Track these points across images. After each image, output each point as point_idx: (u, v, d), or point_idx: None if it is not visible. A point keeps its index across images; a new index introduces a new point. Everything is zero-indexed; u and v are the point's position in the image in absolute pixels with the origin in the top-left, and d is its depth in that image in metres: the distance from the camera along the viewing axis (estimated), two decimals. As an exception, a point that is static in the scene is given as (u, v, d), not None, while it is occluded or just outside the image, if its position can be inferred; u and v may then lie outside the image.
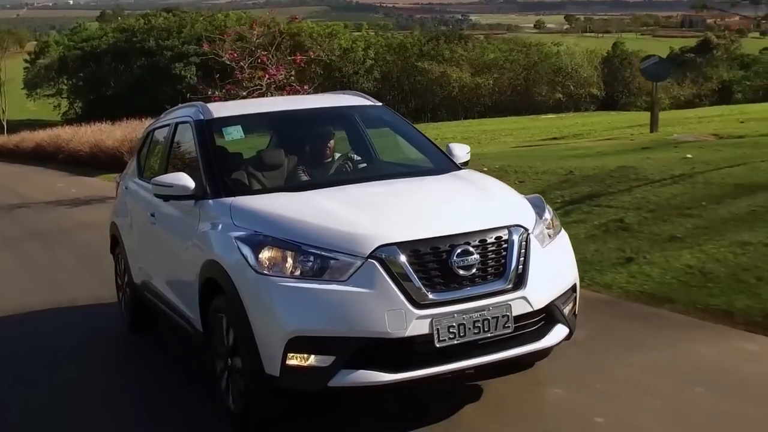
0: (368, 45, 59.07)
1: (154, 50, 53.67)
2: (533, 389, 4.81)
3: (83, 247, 10.70)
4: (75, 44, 59.27)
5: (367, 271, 3.98)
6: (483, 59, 57.47)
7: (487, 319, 4.07)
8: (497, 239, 4.23)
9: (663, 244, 7.28)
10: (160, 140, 6.36)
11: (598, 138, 18.70)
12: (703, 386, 4.62)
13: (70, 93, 59.87)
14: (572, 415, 4.43)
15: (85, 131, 29.95)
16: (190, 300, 4.93)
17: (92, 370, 5.92)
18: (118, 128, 27.70)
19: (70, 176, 22.77)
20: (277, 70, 15.41)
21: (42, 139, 33.64)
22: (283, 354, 3.96)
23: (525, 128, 26.61)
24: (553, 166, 11.78)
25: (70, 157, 27.29)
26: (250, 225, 4.37)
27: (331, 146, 5.66)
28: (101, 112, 38.15)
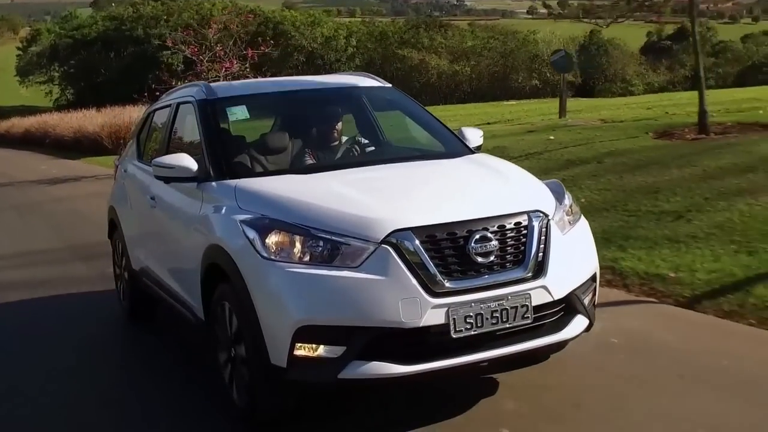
0: (350, 33, 59.55)
1: (142, 38, 53.86)
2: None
3: (50, 216, 12.78)
4: (66, 32, 59.77)
5: (381, 258, 3.77)
6: (461, 47, 58.22)
7: (505, 309, 3.86)
8: (516, 225, 4.02)
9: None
10: (160, 122, 6.13)
11: (515, 123, 19.30)
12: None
13: (61, 80, 60.65)
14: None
15: (70, 117, 31.60)
16: (192, 287, 4.72)
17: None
18: (100, 115, 29.19)
19: (54, 159, 24.48)
20: (231, 63, 17.80)
21: (31, 125, 35.42)
22: (291, 344, 3.75)
23: (472, 114, 26.63)
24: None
25: (56, 141, 29.08)
26: (256, 208, 4.16)
27: (338, 129, 5.44)
28: (92, 99, 38.63)
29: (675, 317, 5.57)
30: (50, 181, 18.18)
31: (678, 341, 5.10)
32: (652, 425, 4.00)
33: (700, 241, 6.88)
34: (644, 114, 16.99)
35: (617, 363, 4.80)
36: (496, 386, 4.52)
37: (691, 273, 6.16)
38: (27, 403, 4.85)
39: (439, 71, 55.35)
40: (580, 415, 4.18)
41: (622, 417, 4.10)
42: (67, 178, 18.48)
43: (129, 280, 6.36)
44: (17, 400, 4.91)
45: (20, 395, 4.99)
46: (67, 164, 22.49)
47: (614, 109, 21.83)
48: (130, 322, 6.47)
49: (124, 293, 6.59)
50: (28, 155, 28.20)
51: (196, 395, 4.80)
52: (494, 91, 52.85)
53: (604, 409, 4.20)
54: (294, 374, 3.80)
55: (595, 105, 27.00)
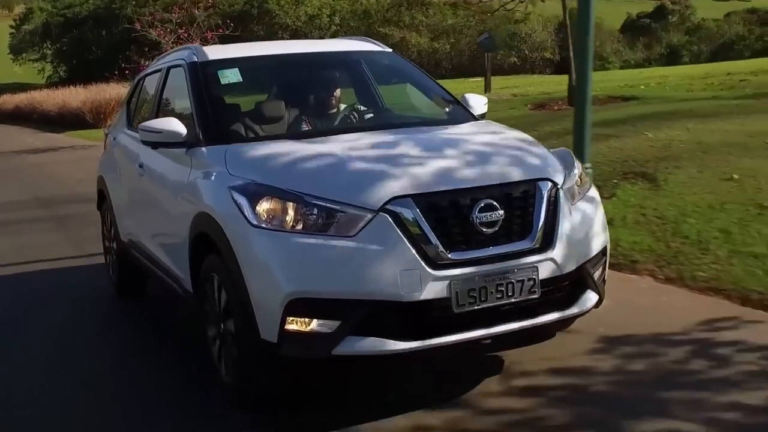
0: (333, 11, 59.63)
1: (131, 17, 54.29)
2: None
3: (25, 178, 14.98)
4: (58, 11, 60.23)
5: (378, 226, 3.52)
6: (442, 25, 58.46)
7: (511, 283, 3.62)
8: (524, 193, 3.77)
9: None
10: (151, 87, 5.87)
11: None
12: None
13: (53, 58, 61.28)
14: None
15: (56, 94, 33.92)
16: (180, 258, 4.48)
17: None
18: (84, 91, 30.97)
19: (40, 133, 26.55)
20: (193, 44, 20.15)
21: (20, 101, 37.99)
22: (282, 318, 3.51)
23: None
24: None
25: (43, 116, 31.30)
26: (247, 174, 3.91)
27: (336, 95, 5.18)
28: (83, 77, 39.26)
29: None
30: (32, 152, 20.34)
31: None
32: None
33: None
34: (552, 89, 19.31)
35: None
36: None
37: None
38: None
39: (419, 49, 55.85)
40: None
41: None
42: (47, 148, 20.67)
43: (118, 253, 6.13)
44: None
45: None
46: (51, 137, 24.31)
47: (536, 85, 24.04)
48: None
49: (113, 266, 6.36)
50: (17, 129, 30.59)
51: (187, 371, 4.58)
52: (474, 68, 53.30)
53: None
54: (285, 350, 3.56)
55: (528, 82, 28.10)
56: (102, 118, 25.46)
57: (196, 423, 3.95)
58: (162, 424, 3.98)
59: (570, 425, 3.65)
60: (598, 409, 3.75)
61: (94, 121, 25.56)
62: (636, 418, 3.62)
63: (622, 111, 12.89)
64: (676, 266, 5.65)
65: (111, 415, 4.12)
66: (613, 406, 3.77)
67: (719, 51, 54.55)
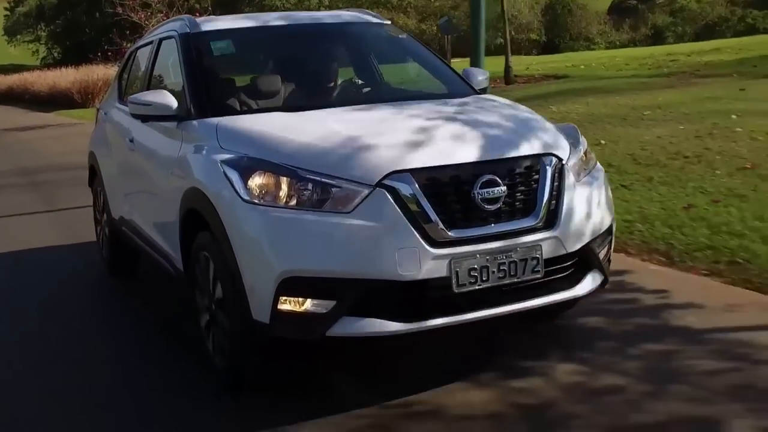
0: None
1: (113, 0, 54.41)
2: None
3: (11, 152, 15.92)
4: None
5: (376, 202, 3.36)
6: (430, 6, 58.49)
7: (514, 262, 3.47)
8: (527, 169, 3.62)
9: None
10: (142, 60, 5.69)
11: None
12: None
13: (48, 39, 61.17)
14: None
15: (47, 75, 34.77)
16: (171, 236, 4.34)
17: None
18: (74, 72, 31.36)
19: (31, 112, 27.20)
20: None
21: (13, 82, 38.92)
22: (275, 297, 3.36)
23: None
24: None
25: (34, 97, 32.08)
26: (239, 147, 3.75)
27: (334, 68, 5.01)
28: (77, 58, 39.40)
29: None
30: (21, 129, 21.31)
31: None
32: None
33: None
34: (497, 69, 20.05)
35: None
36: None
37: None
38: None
39: (407, 30, 56.03)
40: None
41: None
42: (35, 126, 21.53)
43: (109, 230, 5.97)
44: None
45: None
46: (41, 116, 24.98)
47: (490, 66, 25.60)
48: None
49: (105, 244, 6.21)
50: (9, 109, 31.38)
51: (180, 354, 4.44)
52: (461, 49, 53.46)
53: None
54: (278, 331, 3.42)
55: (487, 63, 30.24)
56: (90, 98, 26.71)
57: (184, 404, 3.81)
58: (148, 405, 3.85)
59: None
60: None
61: (83, 101, 26.75)
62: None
63: (545, 88, 14.27)
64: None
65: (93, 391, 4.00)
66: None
67: (702, 32, 54.94)
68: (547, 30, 55.66)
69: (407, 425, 3.40)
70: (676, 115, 11.14)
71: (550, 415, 3.42)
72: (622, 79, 15.24)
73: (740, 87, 13.73)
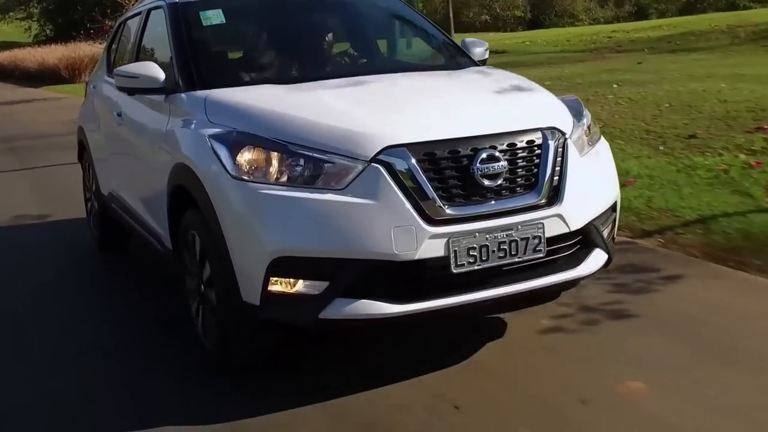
0: None
1: None
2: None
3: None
4: None
5: (370, 178, 3.20)
6: None
7: (515, 241, 3.32)
8: (529, 143, 3.45)
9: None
10: (131, 31, 5.51)
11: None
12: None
13: (40, 16, 60.77)
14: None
15: (36, 52, 35.39)
16: (159, 213, 4.19)
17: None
18: (61, 49, 32.19)
19: (20, 88, 27.80)
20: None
21: (3, 58, 39.36)
22: (265, 278, 3.21)
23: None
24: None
25: (24, 73, 32.95)
26: (228, 121, 3.58)
27: (328, 39, 4.84)
28: (68, 35, 39.29)
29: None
30: (8, 103, 21.65)
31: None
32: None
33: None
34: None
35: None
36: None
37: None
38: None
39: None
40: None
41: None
42: (22, 100, 22.19)
43: (99, 207, 5.82)
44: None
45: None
46: (29, 91, 25.75)
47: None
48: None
49: (94, 221, 6.06)
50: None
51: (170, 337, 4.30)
52: (446, 27, 53.26)
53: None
54: (268, 313, 3.28)
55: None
56: (77, 74, 27.85)
57: (172, 385, 3.69)
58: (135, 385, 3.73)
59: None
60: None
61: (70, 77, 27.94)
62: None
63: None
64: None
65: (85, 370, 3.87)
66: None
67: (685, 9, 54.72)
68: (533, 7, 55.74)
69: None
70: (569, 84, 12.38)
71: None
72: (547, 54, 16.84)
73: (639, 61, 15.50)
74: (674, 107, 9.39)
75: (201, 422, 3.31)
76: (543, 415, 3.21)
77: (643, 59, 15.85)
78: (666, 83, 11.38)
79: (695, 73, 12.59)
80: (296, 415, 3.31)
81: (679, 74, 12.58)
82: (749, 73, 11.80)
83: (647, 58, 16.01)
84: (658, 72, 13.25)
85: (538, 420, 3.18)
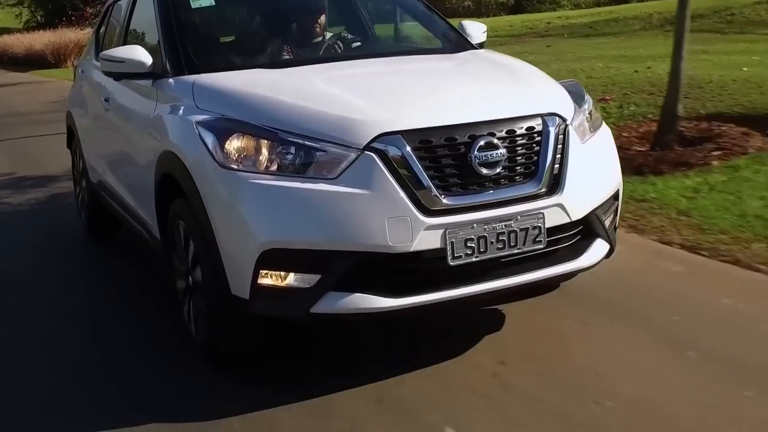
0: None
1: None
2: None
3: None
4: None
5: (364, 167, 3.07)
6: None
7: (514, 231, 3.20)
8: (529, 130, 3.32)
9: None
10: (119, 13, 5.36)
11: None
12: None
13: (31, 2, 60.34)
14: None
15: (24, 38, 35.43)
16: (147, 202, 4.06)
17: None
18: (48, 34, 32.45)
19: (8, 72, 28.07)
20: None
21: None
22: (255, 271, 3.09)
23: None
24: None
25: (11, 58, 33.07)
26: (216, 107, 3.45)
27: (321, 22, 4.69)
28: (59, 20, 39.39)
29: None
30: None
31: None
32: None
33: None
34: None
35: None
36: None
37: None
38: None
39: None
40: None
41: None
42: (8, 84, 22.30)
43: (88, 194, 5.69)
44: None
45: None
46: (16, 75, 26.25)
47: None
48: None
49: (84, 208, 5.94)
50: None
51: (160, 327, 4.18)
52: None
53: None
54: (258, 307, 3.16)
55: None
56: (62, 58, 28.57)
57: (158, 377, 3.60)
58: (123, 374, 3.63)
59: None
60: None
61: (56, 62, 28.68)
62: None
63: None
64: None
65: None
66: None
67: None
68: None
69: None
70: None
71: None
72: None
73: (549, 44, 16.26)
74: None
75: (183, 415, 3.22)
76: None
77: (555, 43, 16.64)
78: (556, 63, 11.81)
79: (587, 54, 13.36)
80: (281, 410, 3.21)
81: (573, 56, 13.25)
82: (630, 54, 12.51)
83: (560, 42, 16.78)
84: (558, 54, 13.74)
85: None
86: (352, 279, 3.07)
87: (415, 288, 3.11)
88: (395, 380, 3.37)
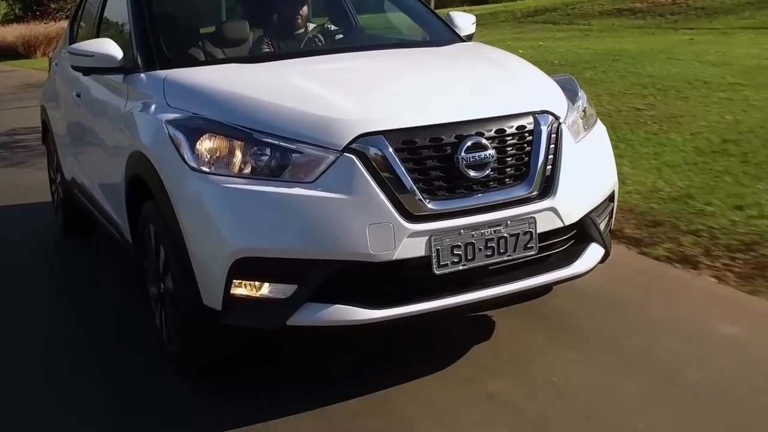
0: None
1: None
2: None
3: None
4: None
5: (343, 170, 2.88)
6: None
7: (503, 237, 3.01)
8: (519, 129, 3.13)
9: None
10: (93, 5, 5.14)
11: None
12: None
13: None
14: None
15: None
16: (118, 203, 3.87)
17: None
18: (20, 27, 34.17)
19: None
20: None
21: None
22: (227, 281, 2.90)
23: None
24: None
25: None
26: (187, 105, 3.25)
27: (303, 14, 4.49)
28: (26, 14, 40.59)
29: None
30: None
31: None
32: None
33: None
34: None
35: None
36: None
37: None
38: None
39: None
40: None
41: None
42: None
43: (63, 191, 5.49)
44: None
45: None
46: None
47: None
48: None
49: (59, 205, 5.74)
50: None
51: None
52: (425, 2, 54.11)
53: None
54: (231, 319, 2.97)
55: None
56: (32, 50, 30.97)
57: (127, 383, 3.43)
58: (92, 385, 3.44)
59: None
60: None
61: (26, 53, 31.05)
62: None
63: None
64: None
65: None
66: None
67: None
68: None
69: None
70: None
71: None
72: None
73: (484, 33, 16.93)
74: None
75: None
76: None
77: (491, 29, 18.34)
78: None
79: (503, 37, 15.47)
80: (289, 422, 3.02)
81: (494, 38, 14.48)
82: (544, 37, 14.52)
83: (505, 26, 19.10)
84: (481, 38, 15.32)
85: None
86: (331, 289, 2.88)
87: (398, 298, 2.92)
88: (393, 388, 3.22)
